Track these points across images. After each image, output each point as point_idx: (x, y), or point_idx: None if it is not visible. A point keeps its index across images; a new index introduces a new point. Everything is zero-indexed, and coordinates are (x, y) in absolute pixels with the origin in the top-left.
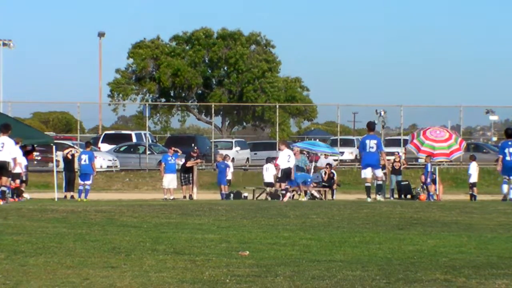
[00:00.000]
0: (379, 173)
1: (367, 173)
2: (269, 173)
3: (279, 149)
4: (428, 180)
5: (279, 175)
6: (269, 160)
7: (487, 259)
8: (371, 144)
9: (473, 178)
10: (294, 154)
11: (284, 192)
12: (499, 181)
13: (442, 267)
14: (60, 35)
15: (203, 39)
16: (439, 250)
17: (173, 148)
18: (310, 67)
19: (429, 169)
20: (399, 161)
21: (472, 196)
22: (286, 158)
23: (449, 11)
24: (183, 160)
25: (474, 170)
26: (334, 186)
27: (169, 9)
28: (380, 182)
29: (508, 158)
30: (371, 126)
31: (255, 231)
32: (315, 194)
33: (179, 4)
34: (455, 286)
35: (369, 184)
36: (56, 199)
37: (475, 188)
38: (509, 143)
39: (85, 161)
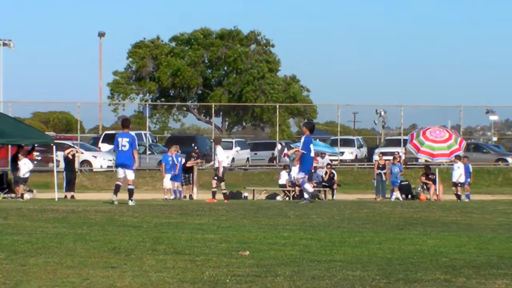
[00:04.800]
0: (131, 175)
1: (120, 172)
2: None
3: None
4: (468, 180)
5: (221, 174)
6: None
7: (487, 259)
8: (123, 142)
9: (455, 177)
10: (295, 154)
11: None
12: (499, 181)
13: (442, 267)
14: (60, 35)
15: (201, 39)
16: (439, 250)
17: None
18: (310, 67)
19: (470, 170)
20: (399, 161)
21: (458, 196)
22: (225, 154)
23: (449, 11)
24: (183, 160)
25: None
26: (335, 186)
27: (169, 9)
28: (131, 187)
29: (312, 154)
30: (125, 123)
31: (255, 231)
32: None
33: (179, 5)
34: (455, 286)
35: (119, 183)
36: (56, 199)
37: (459, 188)
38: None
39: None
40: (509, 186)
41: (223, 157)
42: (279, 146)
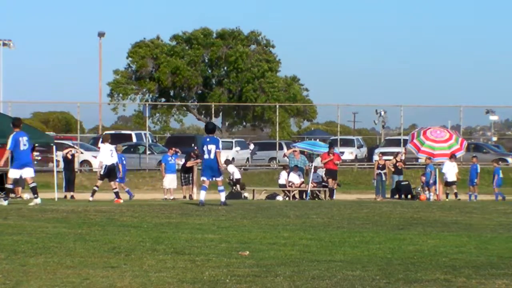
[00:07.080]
0: (31, 173)
1: (16, 173)
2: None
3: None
4: (475, 180)
5: (102, 172)
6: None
7: (487, 259)
8: (24, 141)
9: (449, 177)
10: (294, 154)
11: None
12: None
13: (442, 267)
14: (60, 35)
15: (201, 38)
16: (439, 250)
17: (173, 148)
18: (310, 67)
19: (478, 170)
20: (400, 161)
21: (448, 195)
22: (109, 153)
23: (449, 11)
24: (183, 160)
25: (448, 169)
26: (335, 186)
27: (169, 9)
28: (34, 184)
29: (206, 156)
30: (17, 122)
31: (255, 231)
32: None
33: (179, 4)
34: (455, 286)
35: (10, 186)
36: (56, 199)
37: (453, 187)
38: (208, 139)
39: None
40: (509, 186)
41: (103, 156)
42: (251, 146)
